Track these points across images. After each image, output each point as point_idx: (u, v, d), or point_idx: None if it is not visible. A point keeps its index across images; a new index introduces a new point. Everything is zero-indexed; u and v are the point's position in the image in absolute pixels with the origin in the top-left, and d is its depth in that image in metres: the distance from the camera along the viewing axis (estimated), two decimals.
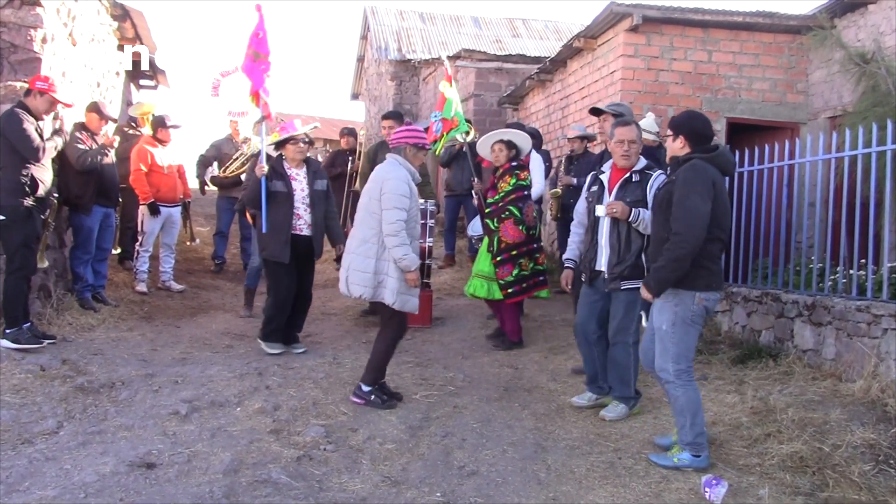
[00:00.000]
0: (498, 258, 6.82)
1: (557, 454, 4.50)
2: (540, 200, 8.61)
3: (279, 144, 6.55)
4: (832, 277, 6.20)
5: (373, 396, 5.15)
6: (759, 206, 7.16)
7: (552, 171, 9.55)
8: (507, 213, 6.81)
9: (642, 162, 5.13)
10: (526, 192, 6.90)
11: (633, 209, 4.94)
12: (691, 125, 4.45)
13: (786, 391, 5.33)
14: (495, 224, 6.85)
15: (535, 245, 6.94)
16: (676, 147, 4.45)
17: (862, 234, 5.87)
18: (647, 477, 4.18)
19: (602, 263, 5.13)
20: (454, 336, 7.49)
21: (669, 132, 4.51)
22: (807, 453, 4.28)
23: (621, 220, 4.98)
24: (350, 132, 10.85)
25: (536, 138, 8.81)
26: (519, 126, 8.21)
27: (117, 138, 7.85)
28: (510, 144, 6.89)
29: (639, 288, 4.71)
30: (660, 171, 5.08)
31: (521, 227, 6.79)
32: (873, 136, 5.79)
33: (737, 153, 7.34)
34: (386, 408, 5.10)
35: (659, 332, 4.41)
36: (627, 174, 5.08)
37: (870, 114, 6.84)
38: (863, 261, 5.87)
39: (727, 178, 7.11)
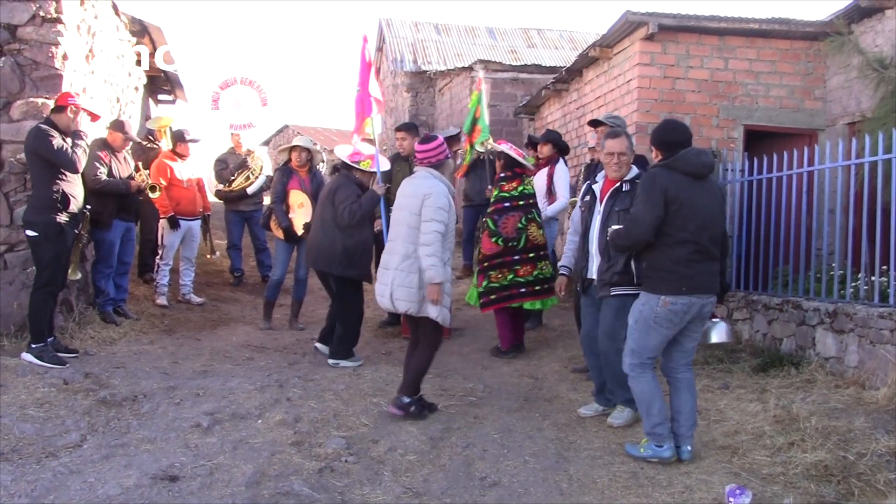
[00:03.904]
0: (477, 268, 7.16)
1: (579, 464, 4.49)
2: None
3: (348, 165, 6.67)
4: (853, 284, 6.15)
5: (412, 407, 5.16)
6: (779, 213, 7.12)
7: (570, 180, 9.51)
8: (483, 224, 7.03)
9: (634, 171, 5.17)
10: (507, 204, 6.92)
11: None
12: (656, 135, 4.62)
13: (808, 399, 5.29)
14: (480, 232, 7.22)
15: (515, 257, 6.89)
16: (655, 158, 4.64)
17: (883, 241, 5.83)
18: (669, 487, 4.15)
19: (593, 271, 5.24)
20: (473, 346, 7.49)
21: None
22: (831, 462, 4.25)
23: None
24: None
25: (561, 147, 8.71)
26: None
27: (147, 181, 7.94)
28: (503, 154, 7.09)
29: (628, 294, 4.82)
30: None
31: (494, 240, 6.86)
32: (893, 142, 5.75)
33: (755, 160, 7.32)
34: (422, 418, 5.13)
35: (628, 326, 4.64)
36: (618, 184, 5.15)
37: (889, 119, 6.78)
38: (884, 267, 5.82)
39: (748, 182, 7.23)
